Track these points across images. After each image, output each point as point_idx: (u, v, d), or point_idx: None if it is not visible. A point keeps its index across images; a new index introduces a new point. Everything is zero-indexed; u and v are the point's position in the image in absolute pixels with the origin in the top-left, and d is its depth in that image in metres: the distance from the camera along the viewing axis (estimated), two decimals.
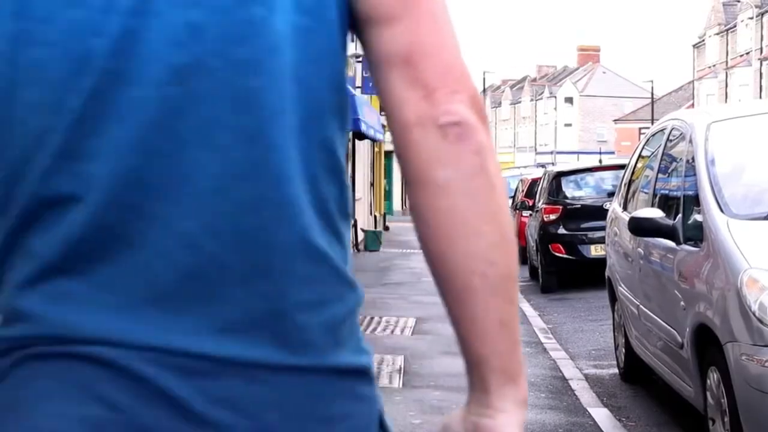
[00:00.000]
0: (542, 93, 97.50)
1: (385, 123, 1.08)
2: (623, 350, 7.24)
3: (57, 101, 0.98)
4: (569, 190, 14.26)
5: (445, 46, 1.06)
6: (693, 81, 64.12)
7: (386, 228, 28.36)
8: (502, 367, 1.05)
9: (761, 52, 51.60)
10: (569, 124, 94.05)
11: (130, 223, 0.98)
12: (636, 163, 7.49)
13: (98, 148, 0.98)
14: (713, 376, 4.69)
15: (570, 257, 13.54)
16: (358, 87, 19.10)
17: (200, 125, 0.99)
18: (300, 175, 1.01)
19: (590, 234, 13.23)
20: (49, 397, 0.98)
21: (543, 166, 47.43)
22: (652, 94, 63.82)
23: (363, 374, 1.06)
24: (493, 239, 1.03)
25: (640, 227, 5.62)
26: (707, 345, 4.75)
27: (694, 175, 5.32)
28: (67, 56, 0.97)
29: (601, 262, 9.11)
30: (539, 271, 14.09)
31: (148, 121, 0.98)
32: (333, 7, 1.04)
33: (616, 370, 7.62)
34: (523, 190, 18.97)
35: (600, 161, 15.89)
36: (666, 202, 5.98)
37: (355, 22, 1.07)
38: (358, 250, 20.59)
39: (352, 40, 1.12)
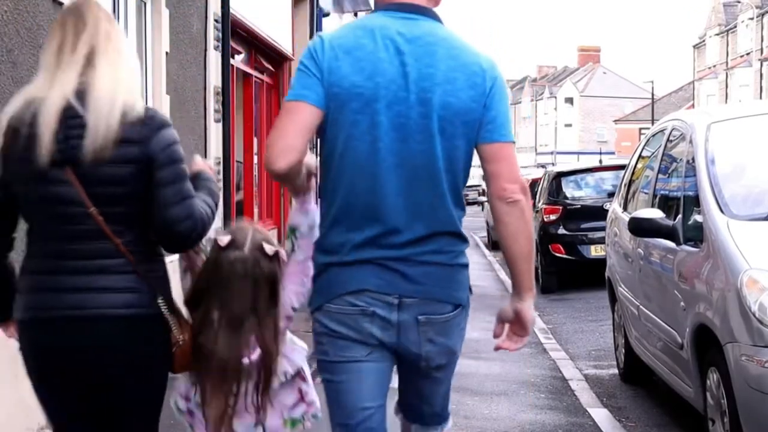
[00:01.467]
0: (542, 93, 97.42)
1: None
2: (623, 351, 7.24)
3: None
4: (569, 190, 14.26)
5: (514, 169, 2.81)
6: (693, 81, 64.10)
7: None
8: (527, 286, 2.90)
9: (761, 53, 51.58)
10: (569, 125, 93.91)
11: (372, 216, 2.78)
12: (636, 163, 7.49)
13: (381, 186, 2.76)
14: (713, 377, 4.69)
15: (570, 257, 13.54)
16: None
17: (406, 183, 2.75)
18: (448, 203, 2.82)
19: (590, 234, 13.24)
20: (365, 276, 2.79)
21: (543, 166, 47.54)
22: (653, 94, 63.77)
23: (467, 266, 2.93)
24: (525, 242, 2.84)
25: (640, 228, 5.61)
26: (707, 345, 4.75)
27: (694, 175, 5.31)
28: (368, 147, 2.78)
29: (601, 262, 9.11)
30: (539, 271, 14.07)
31: (399, 182, 2.76)
32: (465, 144, 2.82)
33: (616, 371, 7.62)
34: None
35: (600, 162, 15.84)
36: (666, 203, 5.97)
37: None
38: None
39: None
